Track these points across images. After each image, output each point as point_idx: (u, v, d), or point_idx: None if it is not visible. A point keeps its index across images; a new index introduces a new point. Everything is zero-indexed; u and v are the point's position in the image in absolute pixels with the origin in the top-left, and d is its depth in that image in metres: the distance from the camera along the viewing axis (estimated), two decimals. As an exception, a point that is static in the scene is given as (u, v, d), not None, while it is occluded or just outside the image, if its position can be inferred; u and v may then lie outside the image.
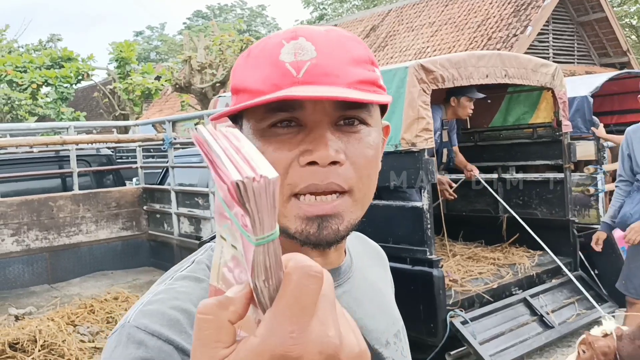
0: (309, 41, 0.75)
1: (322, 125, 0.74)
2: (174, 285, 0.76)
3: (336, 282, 0.85)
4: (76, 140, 6.22)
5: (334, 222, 0.74)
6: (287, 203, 0.74)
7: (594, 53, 15.79)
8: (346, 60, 0.75)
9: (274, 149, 0.74)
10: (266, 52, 0.77)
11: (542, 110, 5.47)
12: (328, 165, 0.72)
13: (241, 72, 0.79)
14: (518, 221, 5.09)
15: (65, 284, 6.01)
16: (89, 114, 19.30)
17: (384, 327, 0.92)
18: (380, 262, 1.08)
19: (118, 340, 0.70)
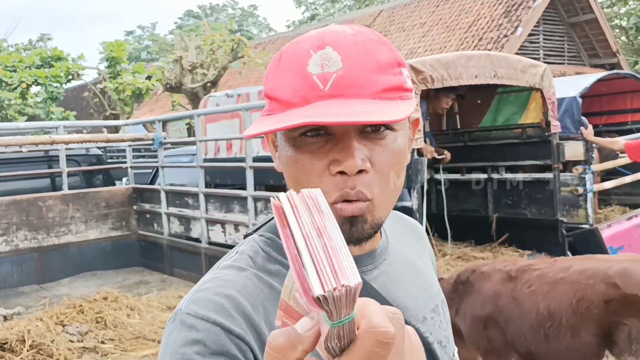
0: (336, 50, 0.79)
1: (349, 134, 0.79)
2: (219, 274, 0.83)
3: (372, 265, 0.92)
4: (65, 139, 6.19)
5: (360, 222, 0.81)
6: None
7: (584, 54, 15.89)
8: (371, 68, 0.79)
9: (306, 158, 0.81)
10: (295, 60, 0.81)
11: (532, 111, 5.50)
12: (355, 174, 0.79)
13: (272, 79, 0.84)
14: (507, 221, 5.11)
15: (55, 284, 5.98)
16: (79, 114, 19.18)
17: (421, 304, 0.96)
18: (418, 238, 1.12)
19: (173, 326, 0.78)
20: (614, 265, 3.10)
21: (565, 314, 2.99)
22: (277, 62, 0.84)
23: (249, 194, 5.01)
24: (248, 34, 36.21)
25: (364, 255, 0.91)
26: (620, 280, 2.99)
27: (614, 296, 2.96)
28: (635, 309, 2.94)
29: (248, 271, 0.83)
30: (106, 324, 4.51)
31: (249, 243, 0.90)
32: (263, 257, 0.86)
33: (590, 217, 5.47)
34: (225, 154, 6.11)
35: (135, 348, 4.16)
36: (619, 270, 3.05)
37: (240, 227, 5.27)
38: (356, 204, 0.80)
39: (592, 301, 2.98)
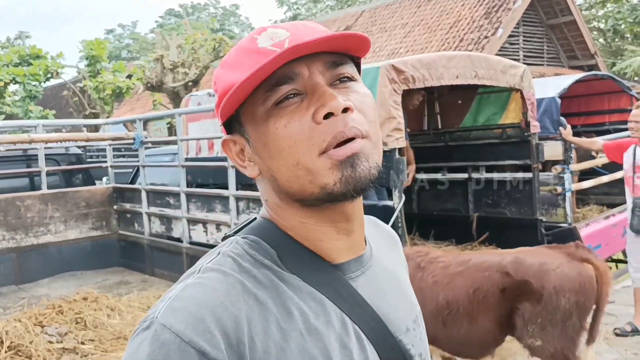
0: (278, 28, 0.82)
1: (320, 85, 0.79)
2: (203, 279, 0.78)
3: (359, 271, 0.89)
4: (44, 138, 6.12)
5: (363, 158, 0.78)
6: (318, 161, 0.78)
7: (562, 55, 16.09)
8: (318, 31, 0.82)
9: (286, 122, 0.78)
10: (241, 51, 0.82)
11: (511, 111, 5.56)
12: (342, 113, 0.77)
13: (223, 78, 0.82)
14: (487, 220, 5.16)
15: (33, 284, 5.91)
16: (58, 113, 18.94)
17: (403, 314, 0.94)
18: (394, 245, 1.10)
19: (145, 336, 0.73)
20: (507, 257, 3.40)
21: (462, 303, 3.25)
22: (221, 67, 0.85)
23: (230, 193, 5.00)
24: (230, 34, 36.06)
25: (351, 261, 0.89)
26: (511, 269, 3.29)
27: (507, 284, 3.26)
28: (526, 293, 3.24)
29: (232, 277, 0.78)
30: (86, 325, 4.47)
31: (232, 244, 0.85)
32: (249, 261, 0.82)
33: (569, 216, 5.54)
34: (206, 153, 6.09)
35: (116, 349, 4.13)
36: (511, 260, 3.35)
37: (222, 227, 5.25)
38: (353, 142, 0.78)
39: (488, 290, 3.26)
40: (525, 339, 3.27)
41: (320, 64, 0.80)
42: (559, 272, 3.25)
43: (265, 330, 0.75)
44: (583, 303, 3.26)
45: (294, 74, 0.78)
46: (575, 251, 3.45)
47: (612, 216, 6.19)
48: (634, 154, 5.12)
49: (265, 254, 0.83)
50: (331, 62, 0.81)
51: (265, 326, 0.76)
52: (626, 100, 7.47)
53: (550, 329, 3.24)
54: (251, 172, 0.86)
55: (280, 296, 0.79)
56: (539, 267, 3.28)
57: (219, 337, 0.72)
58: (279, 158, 0.79)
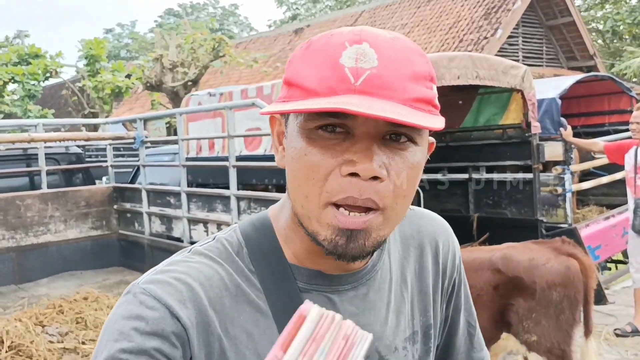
0: (373, 48, 0.73)
1: (370, 136, 0.72)
2: (189, 259, 0.81)
3: (350, 285, 0.85)
4: (44, 137, 6.11)
5: (361, 237, 0.74)
6: (324, 210, 0.74)
7: (562, 56, 16.10)
8: (407, 74, 0.74)
9: (318, 153, 0.73)
10: (327, 50, 0.75)
11: (512, 112, 5.56)
12: (369, 179, 0.72)
13: (297, 65, 0.77)
14: (488, 221, 5.16)
15: (33, 284, 5.90)
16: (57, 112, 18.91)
17: (394, 332, 0.89)
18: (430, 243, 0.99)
19: (125, 298, 0.77)
20: (496, 253, 3.44)
21: None
22: (304, 50, 0.78)
23: (232, 193, 5.00)
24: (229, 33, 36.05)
25: (345, 275, 0.84)
26: (502, 265, 3.34)
27: (499, 281, 3.32)
28: (518, 289, 3.30)
29: (218, 264, 0.80)
30: (87, 325, 4.46)
31: (230, 232, 0.86)
32: (239, 251, 0.82)
33: (569, 216, 5.55)
34: (207, 153, 6.08)
35: (117, 348, 4.12)
36: (500, 256, 3.39)
37: (223, 227, 5.25)
38: (364, 216, 0.73)
39: (481, 288, 3.30)
40: (521, 335, 3.31)
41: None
42: (549, 267, 3.30)
43: (241, 320, 0.77)
44: (573, 296, 3.30)
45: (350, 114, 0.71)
46: (562, 246, 3.50)
47: (612, 217, 6.20)
48: (636, 155, 5.13)
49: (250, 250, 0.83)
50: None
51: (242, 315, 0.77)
52: (626, 101, 7.48)
53: (545, 324, 3.27)
54: (278, 160, 0.83)
55: (260, 291, 0.80)
56: (529, 262, 3.33)
57: (192, 311, 0.74)
58: (295, 179, 0.76)
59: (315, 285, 0.83)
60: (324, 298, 0.82)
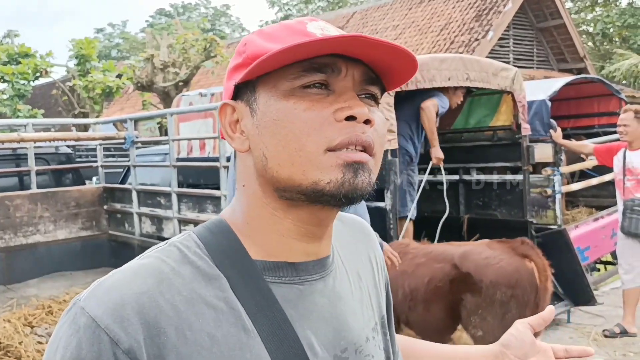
0: (327, 24, 0.80)
1: (351, 90, 0.78)
2: (135, 264, 0.76)
3: (319, 275, 0.84)
4: (34, 137, 6.08)
5: (366, 170, 0.76)
6: (323, 156, 0.75)
7: (552, 58, 16.19)
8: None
9: (307, 107, 0.75)
10: (286, 28, 0.79)
11: (503, 113, 5.59)
12: (363, 122, 0.76)
13: (257, 44, 0.79)
14: (478, 222, 5.18)
15: (22, 285, 5.86)
16: (47, 112, 18.80)
17: (364, 323, 0.90)
18: (364, 240, 1.03)
19: (66, 319, 0.72)
20: (459, 249, 3.65)
21: (420, 291, 3.55)
22: (258, 34, 0.81)
23: (222, 193, 4.99)
24: (221, 34, 36.00)
25: (311, 262, 0.84)
26: (459, 261, 3.54)
27: (455, 275, 3.52)
28: (468, 285, 3.48)
29: (170, 267, 0.75)
30: (73, 302, 4.43)
31: (184, 236, 0.82)
32: (196, 253, 0.79)
33: (559, 218, 5.59)
34: (198, 153, 6.07)
35: (106, 349, 4.10)
36: (461, 252, 3.60)
37: (213, 227, 5.23)
38: (362, 153, 0.76)
39: (440, 280, 3.53)
40: (469, 329, 3.49)
41: (359, 73, 0.78)
42: (498, 267, 3.46)
43: (200, 323, 0.73)
44: (521, 296, 3.43)
45: (334, 67, 0.76)
46: (519, 247, 3.64)
47: (601, 218, 6.24)
48: (624, 157, 5.17)
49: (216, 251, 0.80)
50: (368, 77, 0.80)
51: (201, 319, 0.73)
52: (615, 103, 7.54)
53: (490, 320, 3.43)
54: (240, 146, 0.81)
55: (224, 291, 0.76)
56: (482, 261, 3.50)
57: (138, 326, 0.69)
58: (282, 138, 0.76)
59: (283, 277, 0.81)
60: (295, 290, 0.81)
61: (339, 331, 0.84)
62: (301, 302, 0.81)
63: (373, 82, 0.81)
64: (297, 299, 0.80)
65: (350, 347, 0.85)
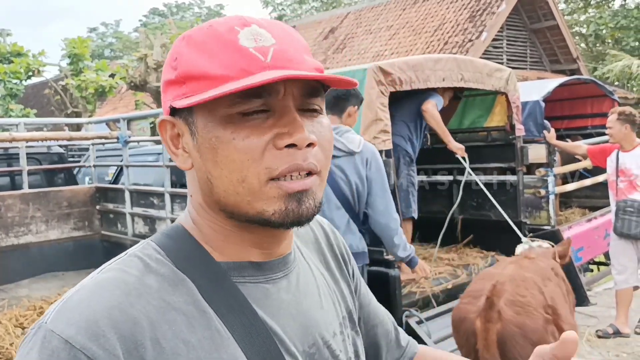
0: (263, 28, 0.76)
1: (290, 109, 0.75)
2: (99, 278, 0.74)
3: (282, 273, 0.84)
4: (26, 137, 6.03)
5: (310, 197, 0.76)
6: (265, 186, 0.74)
7: (545, 59, 16.24)
8: (300, 48, 0.78)
9: (245, 136, 0.73)
10: (217, 37, 0.75)
11: (497, 114, 5.59)
12: (305, 147, 0.75)
13: (192, 58, 0.76)
14: (472, 222, 5.18)
15: (14, 285, 5.81)
16: (40, 112, 18.70)
17: (331, 317, 0.90)
18: (324, 237, 1.03)
19: (33, 343, 0.68)
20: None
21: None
22: (186, 43, 0.78)
23: (215, 194, 4.96)
24: (214, 34, 35.87)
25: (274, 261, 0.84)
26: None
27: None
28: None
29: (134, 277, 0.74)
30: (40, 322, 4.40)
31: (142, 245, 0.81)
32: (157, 260, 0.77)
33: (552, 218, 5.60)
34: (191, 153, 6.04)
35: (98, 350, 4.07)
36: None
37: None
38: (306, 178, 0.75)
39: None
40: None
41: (297, 89, 0.76)
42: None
43: (174, 330, 0.71)
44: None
45: (271, 89, 0.73)
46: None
47: (594, 219, 6.26)
48: (617, 158, 5.19)
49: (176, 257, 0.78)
50: (307, 91, 0.77)
51: (174, 326, 0.72)
52: (608, 105, 7.56)
53: None
54: (182, 163, 0.80)
55: (192, 295, 0.75)
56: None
57: (115, 341, 0.67)
58: (224, 168, 0.74)
59: (248, 277, 0.81)
60: (261, 289, 0.81)
61: (306, 327, 0.84)
62: (268, 300, 0.81)
63: (315, 92, 0.79)
64: (264, 298, 0.80)
65: (317, 342, 0.85)
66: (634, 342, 5.07)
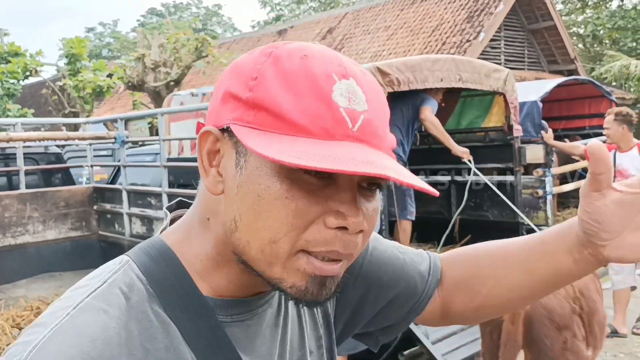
0: (359, 86, 0.67)
1: (353, 185, 0.67)
2: (78, 322, 0.65)
3: (267, 304, 0.79)
4: (23, 137, 6.02)
5: (332, 282, 0.69)
6: (294, 256, 0.67)
7: (543, 60, 16.26)
8: (386, 119, 0.71)
9: (299, 198, 0.65)
10: (312, 80, 0.66)
11: (494, 115, 5.59)
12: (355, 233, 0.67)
13: (274, 89, 0.66)
14: (470, 223, 5.18)
15: (11, 285, 5.80)
16: (37, 112, 18.68)
17: (310, 334, 0.86)
18: None
19: None
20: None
21: None
22: (275, 68, 0.67)
23: (213, 194, 4.95)
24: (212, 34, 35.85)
25: (261, 295, 0.78)
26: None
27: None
28: None
29: (115, 321, 0.66)
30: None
31: (123, 268, 0.72)
32: (139, 294, 0.69)
33: (550, 219, 5.60)
34: (189, 153, 6.04)
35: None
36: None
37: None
38: (337, 264, 0.68)
39: None
40: None
41: None
42: None
43: None
44: None
45: None
46: None
47: (592, 219, 6.25)
48: (614, 159, 5.19)
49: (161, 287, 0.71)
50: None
51: None
52: (606, 105, 7.58)
53: None
54: (211, 185, 0.70)
55: (172, 340, 0.69)
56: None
57: None
58: (260, 221, 0.66)
59: (235, 316, 0.75)
60: (244, 327, 0.76)
61: (283, 356, 0.80)
62: (250, 339, 0.76)
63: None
64: (245, 338, 0.75)
65: None
66: (631, 342, 5.08)
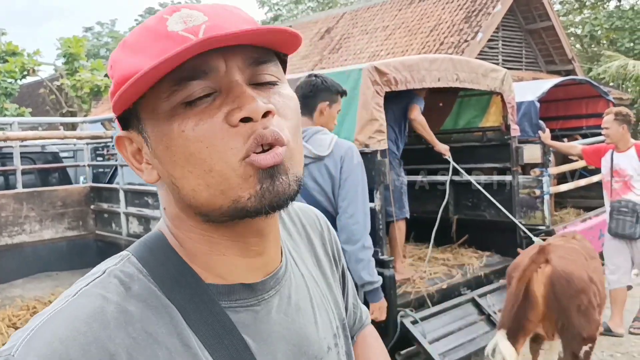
0: (195, 9, 0.69)
1: (238, 84, 0.68)
2: (74, 305, 0.66)
3: (274, 290, 0.79)
4: (20, 136, 6.00)
5: (282, 172, 0.68)
6: (239, 168, 0.67)
7: (540, 60, 16.27)
8: (240, 20, 0.71)
9: (194, 124, 0.66)
10: (147, 32, 0.69)
11: (492, 114, 5.59)
12: (262, 118, 0.67)
13: (125, 61, 0.69)
14: (467, 222, 5.18)
15: (7, 285, 5.79)
16: (35, 111, 18.64)
17: (324, 331, 0.85)
18: (317, 235, 0.97)
19: None
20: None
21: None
22: (122, 49, 0.71)
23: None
24: (210, 33, 35.84)
25: (266, 280, 0.78)
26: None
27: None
28: None
29: (114, 305, 0.66)
30: (1, 352, 4.37)
31: (123, 261, 0.73)
32: (140, 283, 0.70)
33: (547, 218, 5.61)
34: (186, 153, 6.02)
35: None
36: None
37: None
38: (274, 150, 0.67)
39: None
40: None
41: (241, 60, 0.68)
42: None
43: None
44: None
45: (208, 67, 0.66)
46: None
47: (589, 219, 6.27)
48: (612, 159, 5.20)
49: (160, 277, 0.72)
50: (253, 59, 0.70)
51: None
52: (603, 105, 7.58)
53: None
54: (148, 177, 0.73)
55: (176, 325, 0.69)
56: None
57: None
58: (185, 164, 0.67)
59: (240, 301, 0.75)
60: (251, 313, 0.75)
61: (300, 346, 0.79)
62: (258, 325, 0.75)
63: (264, 59, 0.71)
64: (253, 323, 0.75)
65: None
66: (628, 341, 5.08)
